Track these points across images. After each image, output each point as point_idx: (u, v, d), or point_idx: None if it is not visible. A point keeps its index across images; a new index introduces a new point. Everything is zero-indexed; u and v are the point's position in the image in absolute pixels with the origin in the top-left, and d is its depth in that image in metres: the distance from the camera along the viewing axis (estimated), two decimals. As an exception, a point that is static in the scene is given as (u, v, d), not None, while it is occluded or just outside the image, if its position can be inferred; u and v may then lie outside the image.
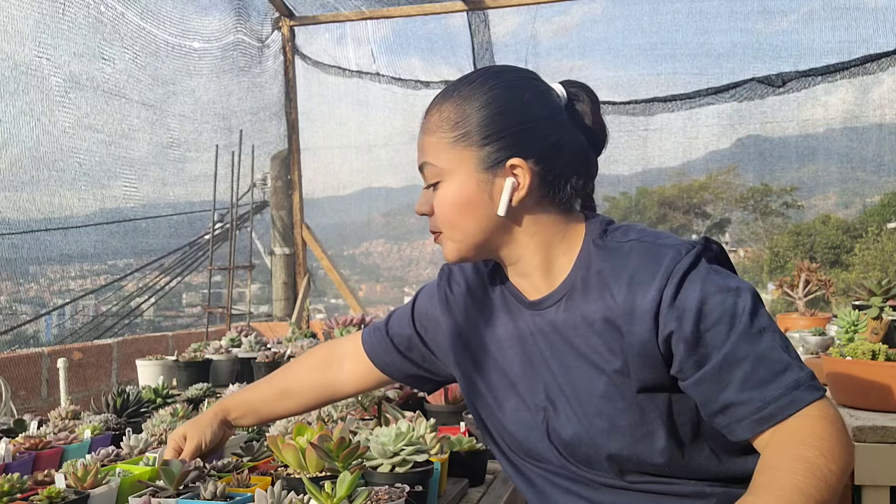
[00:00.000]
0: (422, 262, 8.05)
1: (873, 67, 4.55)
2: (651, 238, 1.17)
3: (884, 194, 6.10)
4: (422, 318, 1.44)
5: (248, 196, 5.23)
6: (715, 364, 1.07)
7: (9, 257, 3.53)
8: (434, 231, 1.26)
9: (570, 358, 1.20)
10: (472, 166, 1.18)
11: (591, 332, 1.17)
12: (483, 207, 1.19)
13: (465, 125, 1.18)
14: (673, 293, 1.09)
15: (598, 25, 5.56)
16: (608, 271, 1.16)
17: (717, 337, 1.07)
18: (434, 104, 1.24)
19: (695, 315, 1.07)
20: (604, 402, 1.16)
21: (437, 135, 1.21)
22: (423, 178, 1.24)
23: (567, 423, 1.20)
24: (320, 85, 5.49)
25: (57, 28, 3.57)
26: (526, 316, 1.26)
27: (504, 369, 1.29)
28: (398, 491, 1.26)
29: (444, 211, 1.21)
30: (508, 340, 1.29)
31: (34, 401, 3.12)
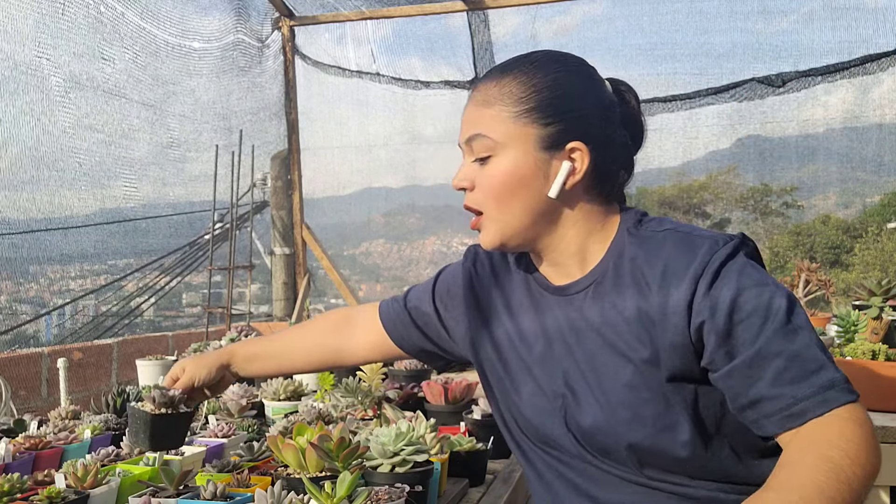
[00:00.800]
0: (422, 262, 8.05)
1: (873, 67, 4.55)
2: (686, 229, 1.16)
3: (884, 194, 6.10)
4: (443, 295, 1.42)
5: (248, 196, 5.23)
6: (747, 357, 1.05)
7: (9, 257, 3.53)
8: (474, 209, 1.21)
9: (596, 346, 1.17)
10: (531, 144, 1.16)
11: (621, 320, 1.15)
12: (536, 188, 1.17)
13: (530, 101, 1.16)
14: (708, 284, 1.07)
15: (598, 25, 5.56)
16: (641, 259, 1.14)
17: (749, 330, 1.05)
18: (491, 77, 1.20)
19: (728, 306, 1.05)
20: (628, 391, 1.14)
21: (496, 107, 1.17)
22: (469, 150, 1.20)
23: (587, 410, 1.17)
24: (320, 85, 5.49)
25: (57, 28, 3.57)
26: (550, 302, 1.25)
27: (523, 354, 1.27)
28: (398, 491, 1.26)
29: (494, 186, 1.17)
30: (530, 325, 1.26)
31: (34, 401, 3.12)
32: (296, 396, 2.29)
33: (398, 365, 2.63)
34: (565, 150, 1.16)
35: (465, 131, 1.21)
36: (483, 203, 1.19)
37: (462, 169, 1.22)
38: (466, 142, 1.20)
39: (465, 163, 1.21)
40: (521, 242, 1.21)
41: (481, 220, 1.21)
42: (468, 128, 1.20)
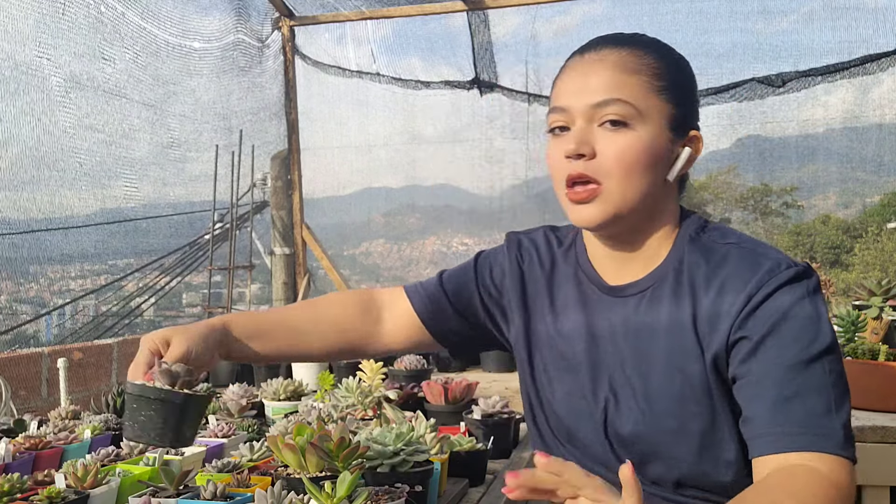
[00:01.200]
0: (422, 262, 8.05)
1: (873, 67, 4.55)
2: (751, 244, 1.11)
3: (884, 194, 6.10)
4: (486, 280, 1.32)
5: (248, 196, 5.24)
6: (762, 373, 1.01)
7: (9, 257, 3.53)
8: (591, 178, 1.09)
9: (647, 352, 1.12)
10: (665, 122, 1.10)
11: (675, 330, 1.10)
12: (661, 169, 1.11)
13: (667, 78, 1.11)
14: (759, 302, 1.03)
15: (598, 25, 5.55)
16: (701, 270, 1.10)
17: (780, 355, 1.01)
18: (621, 45, 1.12)
19: (769, 327, 1.02)
20: (676, 402, 1.09)
21: (638, 76, 1.09)
22: (589, 115, 1.09)
23: (629, 417, 1.13)
24: (320, 85, 5.50)
25: (57, 28, 3.57)
26: (601, 301, 1.18)
27: (564, 351, 1.21)
28: (398, 491, 1.26)
29: (629, 158, 1.08)
30: (575, 323, 1.20)
31: (34, 401, 3.12)
32: (296, 396, 2.29)
33: (398, 365, 2.63)
34: (688, 136, 1.13)
35: (594, 93, 1.09)
36: (607, 173, 1.09)
37: (578, 133, 1.10)
38: (598, 105, 1.09)
39: (582, 128, 1.10)
40: (624, 224, 1.13)
41: (596, 191, 1.09)
42: (603, 90, 1.09)
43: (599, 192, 1.09)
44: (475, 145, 5.55)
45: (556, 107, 1.14)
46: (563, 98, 1.13)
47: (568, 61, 1.17)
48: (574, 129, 1.11)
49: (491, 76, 5.17)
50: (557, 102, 1.14)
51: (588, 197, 1.10)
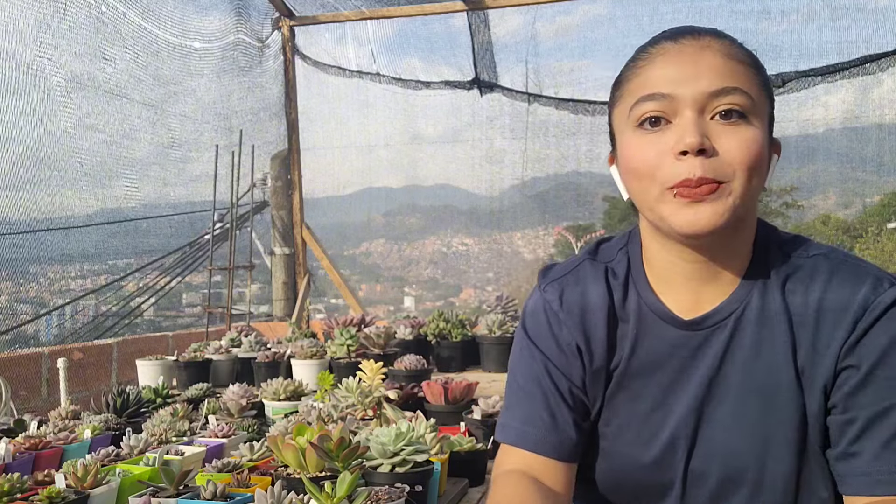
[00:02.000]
0: (422, 262, 8.05)
1: (873, 68, 4.55)
2: (840, 256, 1.02)
3: (884, 194, 6.09)
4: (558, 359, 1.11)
5: (248, 196, 5.24)
6: (873, 413, 0.95)
7: (10, 257, 3.54)
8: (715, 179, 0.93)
9: (732, 390, 1.02)
10: (767, 120, 0.99)
11: (767, 367, 1.01)
12: (766, 171, 0.99)
13: (765, 75, 1.00)
14: (866, 327, 0.96)
15: (598, 26, 5.56)
16: (793, 293, 1.00)
17: (890, 386, 0.94)
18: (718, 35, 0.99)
19: (878, 355, 0.95)
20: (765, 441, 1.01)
21: (747, 67, 0.97)
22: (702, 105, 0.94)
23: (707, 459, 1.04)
24: (320, 85, 5.50)
25: (58, 28, 3.57)
26: (676, 339, 1.05)
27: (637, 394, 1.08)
28: (398, 491, 1.26)
29: (754, 154, 0.93)
30: (646, 368, 1.07)
31: (34, 401, 3.12)
32: (296, 396, 2.29)
33: (398, 365, 2.63)
34: (775, 141, 1.03)
35: (709, 80, 0.94)
36: (733, 171, 0.93)
37: (696, 123, 0.94)
38: (715, 93, 0.94)
39: (694, 119, 0.94)
40: (734, 231, 0.99)
41: (719, 189, 0.93)
42: (718, 78, 0.94)
43: (720, 190, 0.93)
44: (475, 145, 5.55)
45: (653, 93, 0.96)
46: (661, 84, 0.96)
47: (652, 48, 1.01)
48: (682, 120, 0.94)
49: (491, 76, 5.18)
50: (654, 89, 0.96)
51: (707, 194, 0.93)
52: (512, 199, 5.75)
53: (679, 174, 0.93)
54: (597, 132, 5.20)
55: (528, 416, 1.10)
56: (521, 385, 1.13)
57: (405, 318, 3.47)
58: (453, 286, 9.00)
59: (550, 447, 1.08)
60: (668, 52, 0.98)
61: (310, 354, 2.83)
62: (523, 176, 5.54)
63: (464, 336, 3.17)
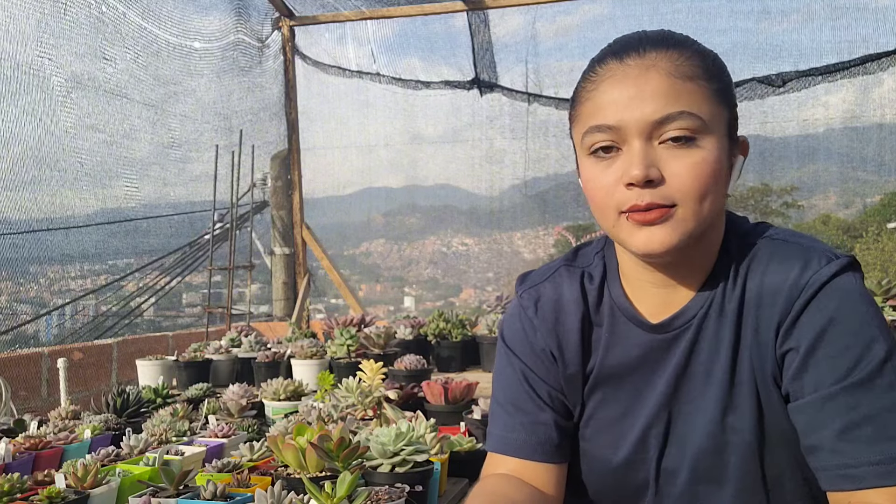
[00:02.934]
0: (422, 262, 8.05)
1: (873, 67, 4.55)
2: (783, 235, 1.02)
3: (884, 194, 6.10)
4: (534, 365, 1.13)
5: (248, 196, 5.24)
6: (820, 398, 0.92)
7: (10, 257, 3.54)
8: (663, 204, 0.94)
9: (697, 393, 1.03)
10: (725, 129, 0.97)
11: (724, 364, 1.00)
12: (726, 182, 0.98)
13: (723, 80, 0.97)
14: (803, 305, 0.94)
15: (598, 25, 5.57)
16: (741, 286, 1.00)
17: (833, 369, 0.92)
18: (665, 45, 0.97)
19: (817, 334, 0.93)
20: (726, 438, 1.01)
21: (695, 81, 0.94)
22: (650, 133, 0.94)
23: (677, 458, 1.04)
24: (320, 85, 5.51)
25: (59, 28, 3.57)
26: (645, 342, 1.06)
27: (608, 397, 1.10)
28: (398, 491, 1.26)
29: (703, 177, 0.93)
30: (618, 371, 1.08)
31: (34, 401, 3.12)
32: (296, 396, 2.29)
33: (398, 365, 2.63)
34: (739, 141, 1.01)
35: (654, 107, 0.93)
36: (681, 196, 0.94)
37: (642, 155, 0.93)
38: (660, 120, 0.93)
39: (642, 149, 0.94)
40: (696, 243, 0.99)
41: (667, 213, 0.94)
42: (663, 103, 0.93)
43: (671, 215, 0.94)
44: (475, 145, 5.55)
45: (599, 125, 0.96)
46: (608, 113, 0.95)
47: (600, 67, 0.98)
48: (630, 149, 0.94)
49: (491, 76, 5.18)
50: (601, 119, 0.96)
51: (657, 218, 0.94)
52: (512, 199, 5.75)
53: (629, 199, 0.95)
54: (597, 132, 5.20)
55: (508, 423, 1.13)
56: (501, 393, 1.16)
57: (405, 318, 3.47)
58: (453, 286, 9.00)
59: (532, 450, 1.10)
60: (615, 74, 0.96)
61: (310, 354, 2.83)
62: (523, 176, 5.54)
63: (464, 336, 3.17)
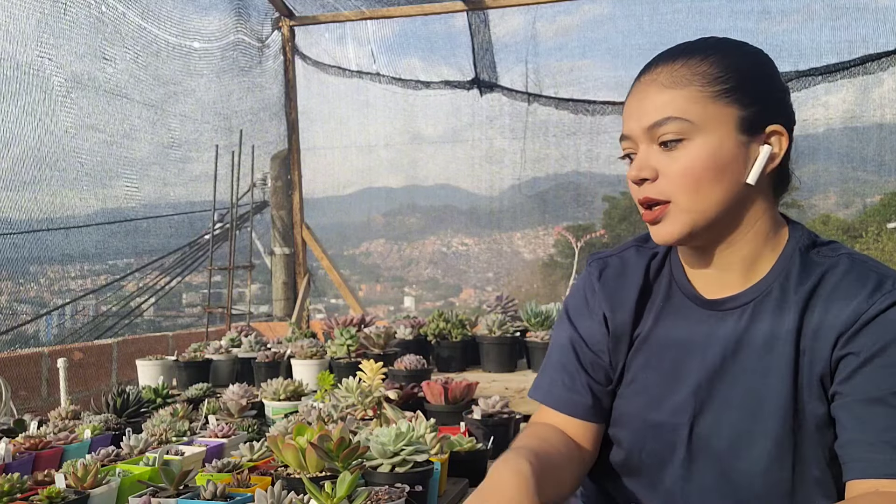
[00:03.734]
0: (422, 262, 8.05)
1: (873, 67, 4.55)
2: (863, 258, 1.09)
3: (884, 194, 6.10)
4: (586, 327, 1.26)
5: (248, 196, 5.24)
6: (869, 399, 0.99)
7: (10, 257, 3.54)
8: (659, 199, 1.10)
9: (745, 370, 1.10)
10: (732, 125, 1.07)
11: (774, 345, 1.08)
12: (735, 174, 1.08)
13: (729, 81, 1.08)
14: (872, 316, 1.01)
15: (599, 25, 5.56)
16: (810, 285, 1.08)
17: (889, 378, 0.99)
18: (673, 58, 1.11)
19: (879, 348, 1.00)
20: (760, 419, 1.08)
21: (689, 88, 1.08)
22: (648, 137, 1.10)
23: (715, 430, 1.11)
24: (320, 85, 5.50)
25: (59, 28, 3.57)
26: (696, 314, 1.16)
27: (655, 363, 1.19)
28: (398, 491, 1.26)
29: (692, 172, 1.07)
30: (665, 336, 1.18)
31: (34, 401, 3.12)
32: (296, 396, 2.29)
33: (398, 365, 2.63)
34: (765, 132, 1.09)
35: (647, 116, 1.10)
36: (674, 192, 1.09)
37: (639, 158, 1.11)
38: (651, 127, 1.09)
39: (643, 151, 1.11)
40: (706, 235, 1.12)
41: (665, 210, 1.10)
42: (654, 111, 1.09)
43: (668, 211, 1.10)
44: (475, 145, 5.55)
45: (622, 134, 1.16)
46: (626, 125, 1.14)
47: (633, 85, 1.17)
48: (638, 153, 1.12)
49: (491, 76, 5.18)
50: (623, 130, 1.15)
51: (658, 216, 1.11)
52: (512, 199, 5.74)
53: (636, 195, 1.14)
54: (597, 132, 5.20)
55: (554, 378, 1.28)
56: (552, 352, 1.31)
57: (405, 318, 3.47)
58: (453, 286, 9.00)
59: (566, 405, 1.24)
60: (632, 91, 1.16)
61: (310, 354, 2.83)
62: (523, 176, 5.54)
63: (464, 336, 3.17)
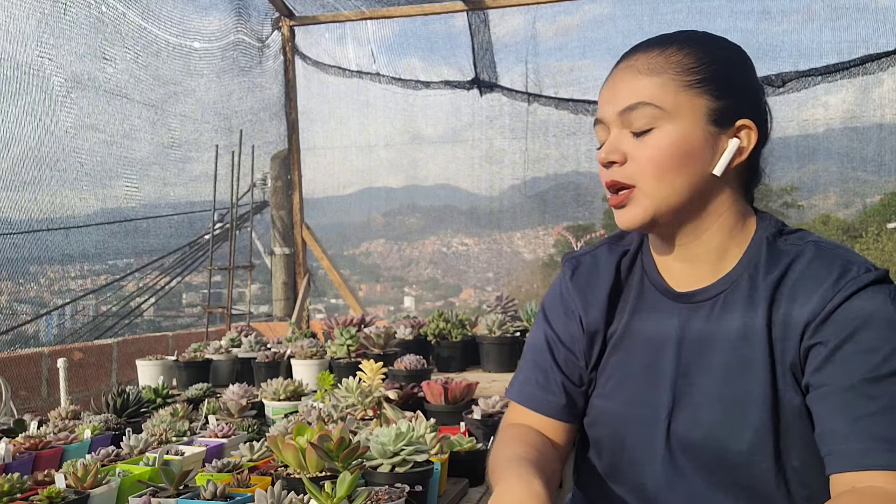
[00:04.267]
0: (422, 262, 8.05)
1: (873, 67, 4.55)
2: (830, 245, 1.09)
3: (884, 194, 6.10)
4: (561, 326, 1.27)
5: (248, 196, 5.24)
6: (844, 387, 0.98)
7: (10, 257, 3.54)
8: (624, 183, 1.11)
9: (718, 362, 1.10)
10: (702, 116, 1.09)
11: (747, 337, 1.08)
12: (701, 164, 1.09)
13: (703, 72, 1.09)
14: (838, 304, 1.01)
15: (598, 26, 5.56)
16: (778, 274, 1.08)
17: (859, 365, 0.98)
18: (651, 47, 1.13)
19: (848, 335, 0.99)
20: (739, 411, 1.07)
21: (663, 76, 1.09)
22: (620, 122, 1.11)
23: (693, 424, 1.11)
24: (320, 85, 5.50)
25: (59, 28, 3.57)
26: (668, 307, 1.17)
27: (628, 359, 1.19)
28: (398, 491, 1.26)
29: (659, 157, 1.08)
30: (639, 331, 1.19)
31: (34, 401, 3.12)
32: (296, 396, 2.29)
33: (398, 365, 2.63)
34: (734, 126, 1.10)
35: (620, 100, 1.11)
36: (639, 176, 1.10)
37: (610, 141, 1.12)
38: (623, 111, 1.11)
39: (614, 135, 1.12)
40: (670, 222, 1.13)
41: (631, 194, 1.11)
42: (627, 96, 1.11)
43: (633, 195, 1.11)
44: (475, 145, 5.55)
45: (596, 119, 1.17)
46: (600, 110, 1.16)
47: (611, 71, 1.18)
48: (609, 137, 1.13)
49: (491, 76, 5.17)
50: (597, 114, 1.16)
51: (623, 200, 1.12)
52: (512, 199, 5.74)
53: (603, 177, 1.15)
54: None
55: (528, 377, 1.29)
56: (528, 351, 1.32)
57: (405, 318, 3.47)
58: (453, 286, 8.99)
59: (539, 404, 1.26)
60: (609, 77, 1.17)
61: (310, 354, 2.83)
62: (523, 176, 5.54)
63: (464, 336, 3.17)
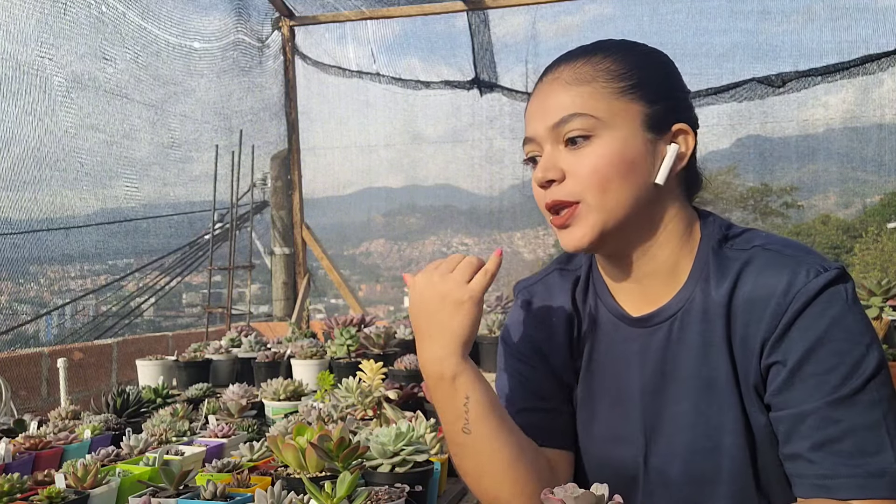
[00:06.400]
0: (422, 263, 8.05)
1: (873, 67, 4.55)
2: (777, 245, 1.02)
3: (884, 194, 6.10)
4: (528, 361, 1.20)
5: (248, 196, 5.24)
6: (802, 411, 0.94)
7: (10, 257, 3.54)
8: (567, 201, 1.03)
9: (682, 391, 1.05)
10: (639, 122, 1.03)
11: (709, 362, 1.03)
12: (643, 173, 1.03)
13: (635, 77, 1.04)
14: (791, 319, 0.95)
15: (598, 26, 5.58)
16: (727, 287, 1.02)
17: (819, 387, 0.93)
18: (576, 57, 1.07)
19: (805, 352, 0.94)
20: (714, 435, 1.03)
21: (593, 84, 1.03)
22: (555, 137, 1.04)
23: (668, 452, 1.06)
24: (320, 85, 5.50)
25: (59, 28, 3.58)
26: (627, 335, 1.10)
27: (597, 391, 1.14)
28: (398, 491, 1.26)
29: (601, 168, 1.01)
30: (599, 360, 1.13)
31: (34, 401, 3.12)
32: (296, 396, 2.29)
33: (398, 365, 2.63)
34: (671, 131, 1.05)
35: (551, 114, 1.04)
36: (582, 191, 1.02)
37: (546, 160, 1.05)
38: (556, 125, 1.03)
39: (549, 152, 1.05)
40: (617, 238, 1.05)
41: (575, 211, 1.03)
42: (558, 110, 1.04)
43: (577, 212, 1.03)
44: (475, 145, 5.56)
45: (525, 137, 1.09)
46: (529, 127, 1.09)
47: (534, 87, 1.12)
48: (543, 155, 1.06)
49: (491, 76, 5.18)
50: (527, 132, 1.09)
51: (567, 220, 1.04)
52: (512, 199, 5.75)
53: (541, 199, 1.07)
54: (597, 132, 5.20)
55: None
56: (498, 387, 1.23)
57: (405, 318, 3.47)
58: (453, 286, 8.99)
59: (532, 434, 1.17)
60: (534, 92, 1.10)
61: (310, 354, 2.83)
62: (523, 176, 5.54)
63: (464, 336, 3.16)
